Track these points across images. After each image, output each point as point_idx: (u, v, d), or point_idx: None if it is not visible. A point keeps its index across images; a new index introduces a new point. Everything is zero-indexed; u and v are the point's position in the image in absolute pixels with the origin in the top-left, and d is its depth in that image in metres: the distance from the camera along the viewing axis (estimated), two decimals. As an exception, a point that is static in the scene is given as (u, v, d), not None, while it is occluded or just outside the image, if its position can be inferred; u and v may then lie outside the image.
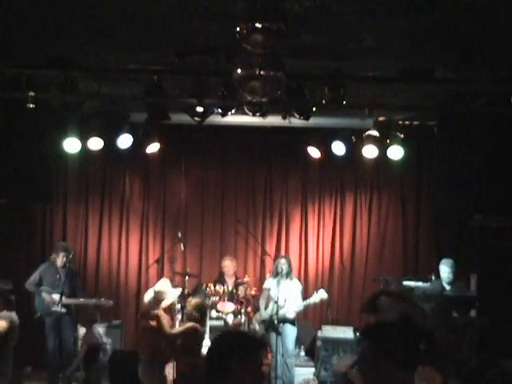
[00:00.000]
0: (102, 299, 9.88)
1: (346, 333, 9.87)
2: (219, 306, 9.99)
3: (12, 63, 7.58)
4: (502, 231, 9.02)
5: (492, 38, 6.71)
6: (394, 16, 6.18)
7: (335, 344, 9.62)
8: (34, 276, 9.71)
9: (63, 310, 9.47)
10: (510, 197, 8.58)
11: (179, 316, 10.09)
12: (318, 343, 9.98)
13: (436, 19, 6.27)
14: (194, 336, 7.28)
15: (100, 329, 9.87)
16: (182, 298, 10.22)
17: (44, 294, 9.58)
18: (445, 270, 9.49)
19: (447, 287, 9.46)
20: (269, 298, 9.73)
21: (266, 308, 9.74)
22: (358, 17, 6.27)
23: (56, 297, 9.45)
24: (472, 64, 7.47)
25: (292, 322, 9.64)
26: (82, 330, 9.81)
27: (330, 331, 9.87)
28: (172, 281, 10.37)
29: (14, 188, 8.35)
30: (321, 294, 9.60)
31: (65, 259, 9.77)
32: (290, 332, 9.62)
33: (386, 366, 2.98)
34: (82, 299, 9.78)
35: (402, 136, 9.30)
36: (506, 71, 7.56)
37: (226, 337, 3.29)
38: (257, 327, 9.92)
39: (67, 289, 9.60)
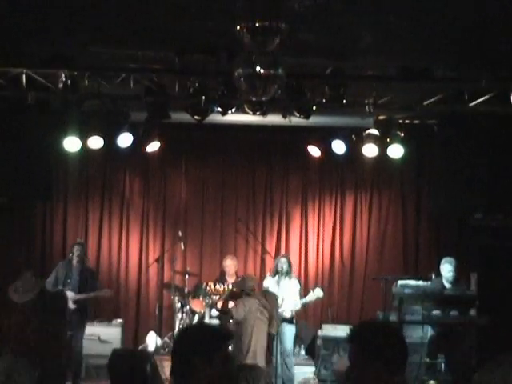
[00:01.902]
0: (104, 290, 9.86)
1: (346, 332, 9.85)
2: (219, 305, 9.99)
3: (12, 62, 7.59)
4: (502, 230, 9.03)
5: (492, 37, 6.71)
6: (394, 15, 6.18)
7: (335, 343, 9.60)
8: (52, 276, 9.66)
9: (73, 306, 9.45)
10: (509, 196, 8.60)
11: (179, 315, 10.12)
12: (319, 342, 9.98)
13: (436, 18, 6.28)
14: None
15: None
16: (182, 297, 10.24)
17: None
18: (447, 268, 9.47)
19: (448, 286, 9.45)
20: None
21: (265, 308, 9.74)
22: (358, 16, 6.28)
23: (69, 294, 9.44)
24: (472, 63, 7.47)
25: (290, 321, 9.62)
26: (88, 330, 9.78)
27: (330, 330, 9.86)
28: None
29: (14, 187, 8.36)
30: (317, 293, 9.61)
31: (79, 252, 9.76)
32: (288, 331, 9.60)
33: (374, 369, 2.94)
34: (83, 294, 9.74)
35: (402, 135, 9.30)
36: (505, 70, 7.57)
37: (188, 333, 3.19)
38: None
39: (79, 287, 9.58)
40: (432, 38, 6.80)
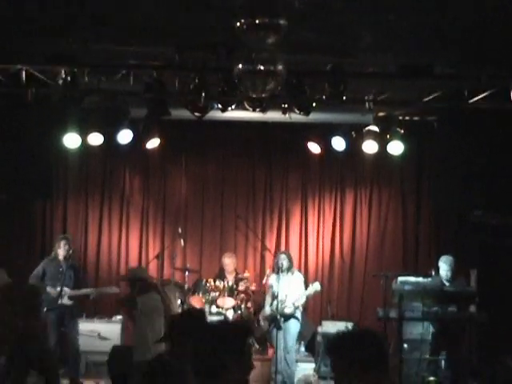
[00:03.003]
0: (108, 287, 9.87)
1: (346, 328, 9.85)
2: (219, 302, 10.00)
3: (12, 59, 7.58)
4: (502, 227, 9.03)
5: (492, 35, 6.71)
6: (394, 13, 6.18)
7: (335, 339, 9.59)
8: (37, 270, 9.63)
9: (69, 303, 9.43)
10: (509, 193, 8.61)
11: (179, 311, 10.12)
12: (318, 339, 9.99)
13: (436, 16, 6.28)
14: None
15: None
16: (183, 293, 10.24)
17: (48, 289, 9.48)
18: (443, 267, 9.46)
19: (447, 284, 9.46)
20: (273, 295, 9.74)
21: (271, 305, 9.75)
22: (358, 13, 6.27)
23: (66, 290, 9.41)
24: (472, 60, 7.47)
25: (292, 317, 9.61)
26: (82, 326, 9.81)
27: (330, 327, 9.85)
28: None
29: (13, 184, 8.36)
30: (315, 286, 9.62)
31: (67, 247, 9.68)
32: (291, 327, 9.60)
33: (354, 377, 2.97)
34: (86, 290, 9.73)
35: (402, 131, 9.30)
36: (505, 67, 7.57)
37: (216, 331, 3.16)
38: (262, 323, 9.95)
39: (70, 282, 9.56)
40: (432, 38, 6.80)
